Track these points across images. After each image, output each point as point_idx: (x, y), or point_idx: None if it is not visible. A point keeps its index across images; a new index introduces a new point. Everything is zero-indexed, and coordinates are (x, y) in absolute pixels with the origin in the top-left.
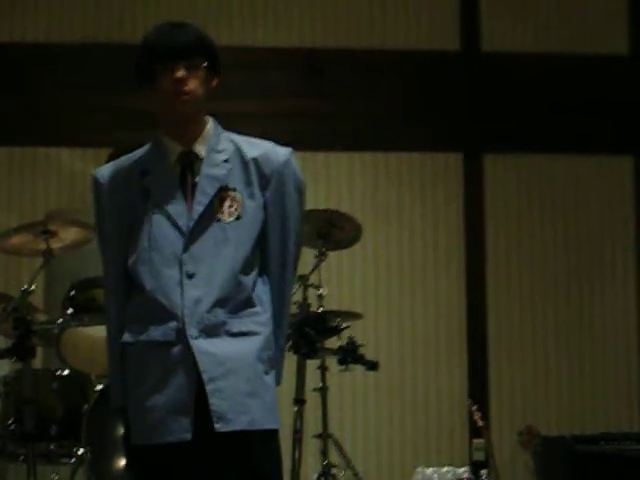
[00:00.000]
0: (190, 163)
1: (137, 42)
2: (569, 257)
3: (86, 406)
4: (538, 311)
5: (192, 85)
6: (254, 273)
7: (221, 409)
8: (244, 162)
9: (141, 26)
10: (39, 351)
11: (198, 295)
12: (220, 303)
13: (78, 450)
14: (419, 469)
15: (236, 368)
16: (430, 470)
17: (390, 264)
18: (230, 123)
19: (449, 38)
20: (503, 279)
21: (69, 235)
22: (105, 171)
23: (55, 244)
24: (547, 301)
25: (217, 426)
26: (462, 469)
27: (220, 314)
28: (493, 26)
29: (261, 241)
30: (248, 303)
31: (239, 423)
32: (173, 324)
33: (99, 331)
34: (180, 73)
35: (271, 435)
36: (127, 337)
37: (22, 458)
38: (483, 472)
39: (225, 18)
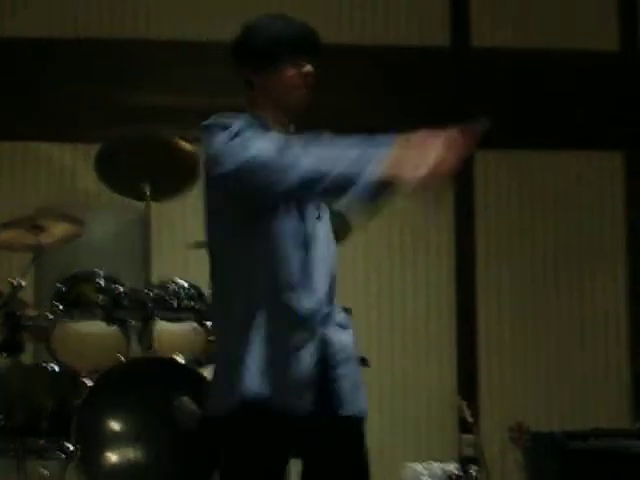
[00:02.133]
0: None
1: (130, 37)
2: (559, 252)
3: (76, 401)
4: (528, 307)
5: (313, 80)
6: None
7: (343, 393)
8: None
9: (136, 22)
10: (29, 346)
11: (320, 280)
12: (328, 295)
13: (68, 445)
14: (408, 465)
15: (351, 357)
16: (419, 466)
17: (380, 259)
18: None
19: (438, 33)
20: (493, 275)
21: (59, 230)
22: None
23: (45, 239)
24: (537, 296)
25: (338, 409)
26: (451, 465)
27: (329, 305)
28: (483, 22)
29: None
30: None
31: (354, 409)
32: (308, 301)
33: (89, 326)
34: (309, 67)
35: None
36: (266, 304)
37: (12, 453)
38: (472, 468)
39: (217, 13)
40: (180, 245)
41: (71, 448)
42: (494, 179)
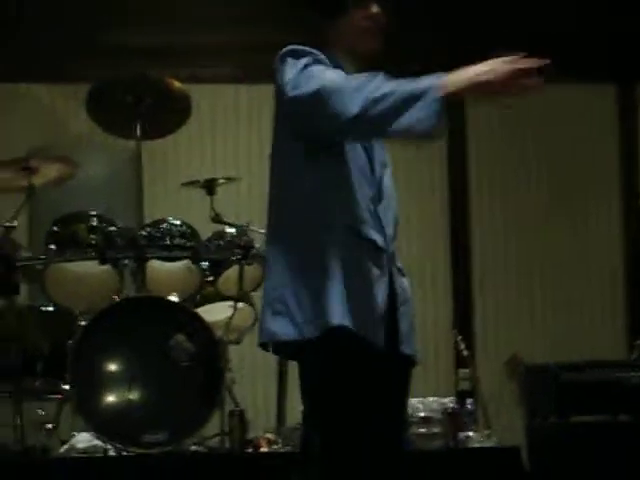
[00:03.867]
0: None
1: None
2: (554, 187)
3: (71, 342)
4: (522, 240)
5: (383, 21)
6: None
7: (405, 332)
8: None
9: None
10: (23, 288)
11: (388, 218)
12: (393, 233)
13: (63, 386)
14: None
15: (409, 299)
16: (415, 400)
17: None
18: (207, 56)
19: None
20: (487, 210)
21: (51, 171)
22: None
23: (37, 180)
24: (532, 230)
25: (402, 347)
26: (447, 399)
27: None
28: None
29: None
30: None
31: (412, 349)
32: (380, 236)
33: (82, 266)
34: (376, 9)
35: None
36: (340, 234)
37: (7, 395)
38: (469, 402)
39: None
40: (173, 184)
41: (66, 389)
42: (486, 114)
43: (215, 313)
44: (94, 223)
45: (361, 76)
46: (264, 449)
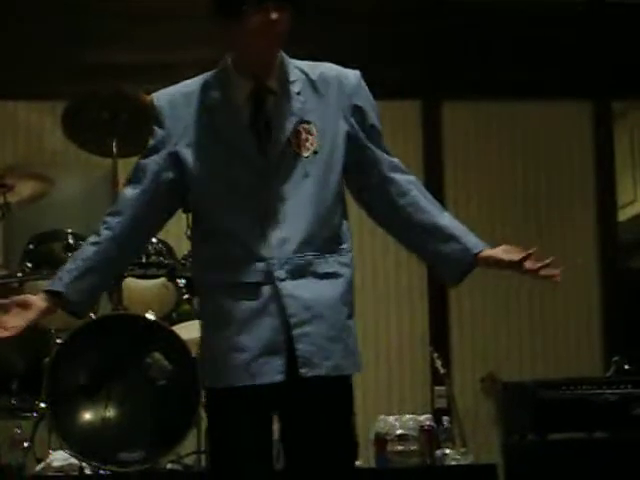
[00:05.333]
0: (262, 99)
1: None
2: (530, 203)
3: (47, 360)
4: None
5: (282, 27)
6: (340, 208)
7: (307, 354)
8: (317, 91)
9: None
10: None
11: (284, 235)
12: (306, 242)
13: (39, 404)
14: (381, 417)
15: (322, 312)
16: (392, 418)
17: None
18: (184, 71)
19: None
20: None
21: (26, 189)
22: (163, 100)
23: (12, 198)
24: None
25: (302, 371)
26: (424, 416)
27: (307, 254)
28: None
29: (361, 167)
30: (334, 240)
31: (324, 368)
32: (260, 265)
33: None
34: (274, 15)
35: (350, 379)
36: (208, 280)
37: None
38: (445, 419)
39: None
40: None
41: (42, 407)
42: (463, 130)
43: (192, 331)
44: (70, 241)
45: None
46: None
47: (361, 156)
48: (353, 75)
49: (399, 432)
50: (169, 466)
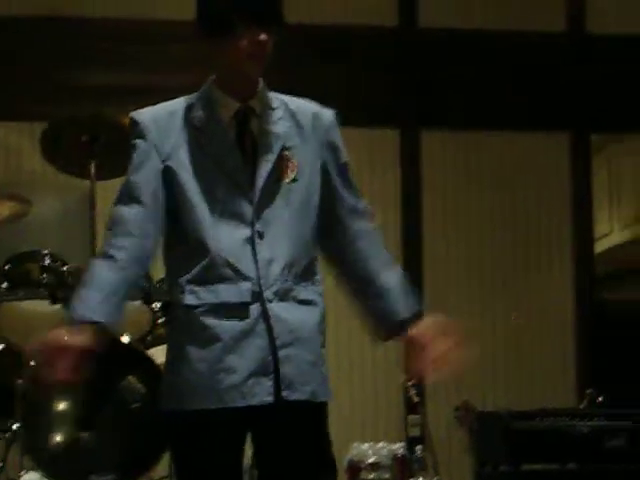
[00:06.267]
0: (247, 119)
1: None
2: (506, 233)
3: (20, 381)
4: (473, 289)
5: (268, 49)
6: (315, 240)
7: (290, 377)
8: (296, 121)
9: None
10: None
11: (270, 256)
12: (289, 267)
13: (12, 425)
14: (355, 444)
15: (303, 337)
16: (365, 445)
17: None
18: (165, 95)
19: (386, 13)
20: (440, 258)
21: (4, 209)
22: (146, 116)
23: None
24: (482, 279)
25: (284, 393)
26: (397, 445)
27: (290, 278)
28: (431, 2)
29: (325, 203)
30: (311, 270)
31: (303, 393)
32: (247, 285)
33: (34, 305)
34: (263, 36)
35: (325, 407)
36: (191, 300)
37: None
38: (418, 448)
39: None
40: None
41: (15, 428)
42: (440, 160)
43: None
44: (46, 262)
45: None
46: None
47: (327, 192)
48: (329, 113)
49: (372, 460)
50: None
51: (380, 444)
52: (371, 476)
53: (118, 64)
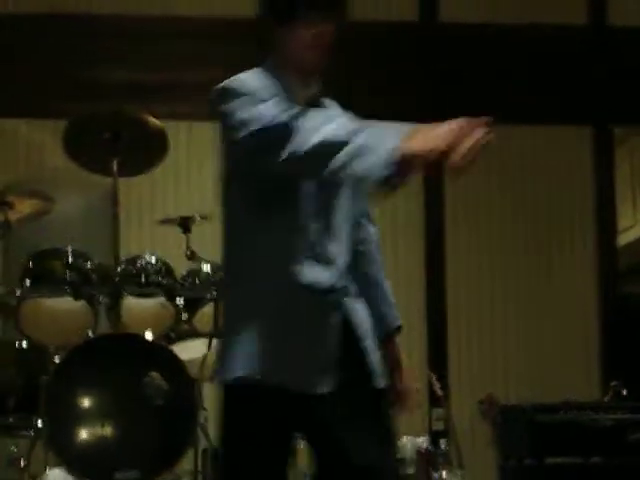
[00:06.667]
0: (318, 107)
1: (97, 14)
2: (528, 226)
3: (45, 378)
4: (497, 281)
5: (329, 40)
6: None
7: (374, 366)
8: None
9: None
10: None
11: (339, 249)
12: (348, 261)
13: (36, 422)
14: None
15: (369, 329)
16: None
17: None
18: (186, 92)
19: (407, 9)
20: (462, 252)
21: (26, 207)
22: (247, 78)
23: (12, 216)
24: (506, 271)
25: (378, 382)
26: (421, 438)
27: (349, 273)
28: None
29: None
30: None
31: (382, 381)
32: (326, 274)
33: (57, 302)
34: (328, 28)
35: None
36: (270, 277)
37: None
38: (442, 442)
39: None
40: (148, 220)
41: (40, 425)
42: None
43: (190, 351)
44: (70, 259)
45: (321, 115)
46: None
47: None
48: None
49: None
50: None
51: (404, 438)
52: None
53: (138, 61)
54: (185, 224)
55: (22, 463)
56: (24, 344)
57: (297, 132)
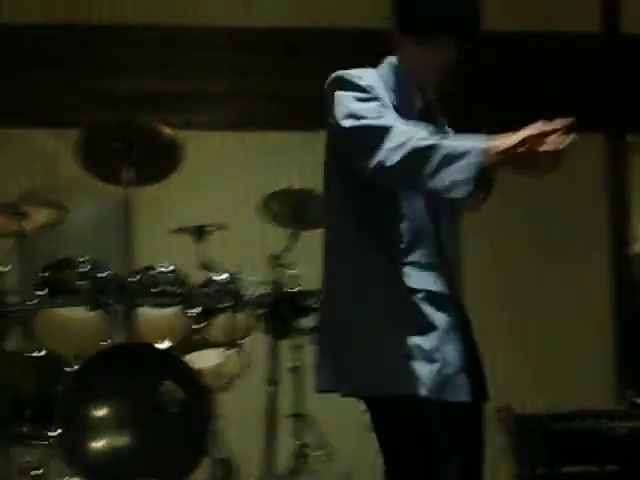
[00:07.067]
0: (429, 116)
1: (112, 24)
2: (542, 235)
3: (60, 388)
4: (512, 290)
5: (454, 62)
6: None
7: (484, 377)
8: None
9: (115, 7)
10: (12, 333)
11: (448, 252)
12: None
13: (52, 432)
14: None
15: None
16: None
17: None
18: (199, 102)
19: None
20: (479, 260)
21: (42, 216)
22: (370, 76)
23: (28, 225)
24: (520, 281)
25: (488, 393)
26: None
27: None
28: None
29: None
30: None
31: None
32: (442, 278)
33: (72, 312)
34: (453, 54)
35: None
36: (411, 283)
37: None
38: None
39: None
40: (162, 230)
41: (55, 435)
42: None
43: (204, 360)
44: (84, 269)
45: (408, 123)
46: None
47: None
48: None
49: None
50: None
51: None
52: None
53: (153, 71)
54: (199, 233)
55: (38, 473)
56: (39, 354)
57: (392, 138)
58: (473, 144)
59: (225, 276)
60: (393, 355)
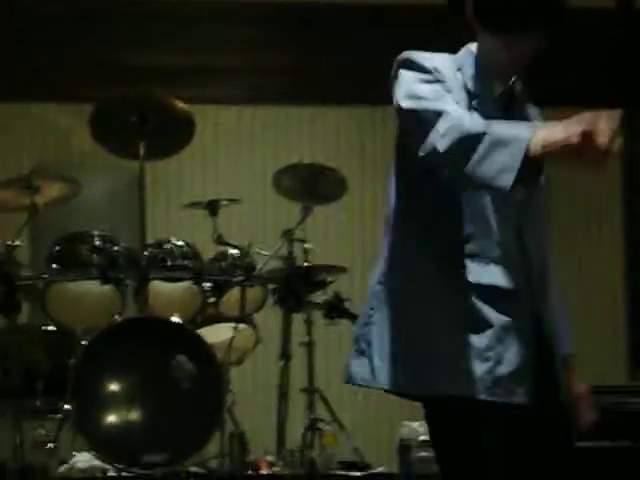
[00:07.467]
0: (511, 104)
1: None
2: (555, 213)
3: (72, 361)
4: None
5: (525, 58)
6: None
7: (561, 378)
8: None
9: None
10: (25, 307)
11: (533, 248)
12: (546, 258)
13: (64, 405)
14: (405, 422)
15: (557, 340)
16: (416, 424)
17: (376, 217)
18: (214, 76)
19: None
20: None
21: (53, 190)
22: (438, 61)
23: (40, 199)
24: None
25: (561, 405)
26: None
27: (544, 274)
28: None
29: None
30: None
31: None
32: (515, 274)
33: (84, 286)
34: (521, 47)
35: None
36: (476, 275)
37: (8, 414)
38: None
39: None
40: (175, 204)
41: (67, 408)
42: None
43: (217, 334)
44: (97, 243)
45: (467, 114)
46: (264, 471)
47: None
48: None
49: (423, 438)
50: (193, 469)
51: (416, 423)
52: (422, 454)
53: (167, 45)
54: (212, 208)
55: (50, 446)
56: (51, 328)
57: (445, 122)
58: (520, 132)
59: (237, 250)
60: (443, 353)
